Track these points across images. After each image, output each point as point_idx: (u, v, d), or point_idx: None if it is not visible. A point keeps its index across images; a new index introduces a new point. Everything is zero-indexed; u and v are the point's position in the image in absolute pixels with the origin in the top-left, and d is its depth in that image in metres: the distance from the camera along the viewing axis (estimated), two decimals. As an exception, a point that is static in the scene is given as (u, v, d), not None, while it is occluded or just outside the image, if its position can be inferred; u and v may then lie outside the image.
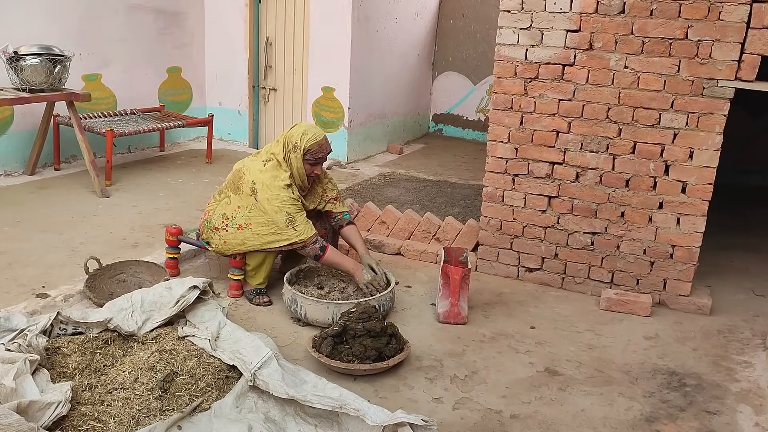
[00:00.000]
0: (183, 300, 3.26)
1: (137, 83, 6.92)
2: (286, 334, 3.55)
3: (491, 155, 4.35)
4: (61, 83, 5.36)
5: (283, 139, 3.80)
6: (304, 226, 3.67)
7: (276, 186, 3.67)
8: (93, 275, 3.78)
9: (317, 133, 3.77)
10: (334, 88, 7.00)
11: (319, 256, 3.72)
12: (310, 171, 3.78)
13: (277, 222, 3.65)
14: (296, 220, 3.66)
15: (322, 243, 3.72)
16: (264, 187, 3.68)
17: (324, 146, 3.77)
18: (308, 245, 3.68)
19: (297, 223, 3.65)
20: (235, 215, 3.74)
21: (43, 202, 5.26)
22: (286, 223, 3.65)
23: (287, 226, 3.65)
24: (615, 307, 4.00)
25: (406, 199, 6.01)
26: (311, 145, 3.72)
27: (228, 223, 3.76)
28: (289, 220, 3.65)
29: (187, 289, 3.28)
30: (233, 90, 7.60)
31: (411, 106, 8.48)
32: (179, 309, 3.25)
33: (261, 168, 3.76)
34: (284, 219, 3.64)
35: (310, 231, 3.68)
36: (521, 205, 4.32)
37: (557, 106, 4.09)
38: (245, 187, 3.73)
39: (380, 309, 3.59)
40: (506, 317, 3.88)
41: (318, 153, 3.74)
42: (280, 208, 3.65)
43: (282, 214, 3.65)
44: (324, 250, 3.72)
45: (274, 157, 3.78)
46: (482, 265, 4.53)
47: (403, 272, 4.46)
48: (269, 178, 3.69)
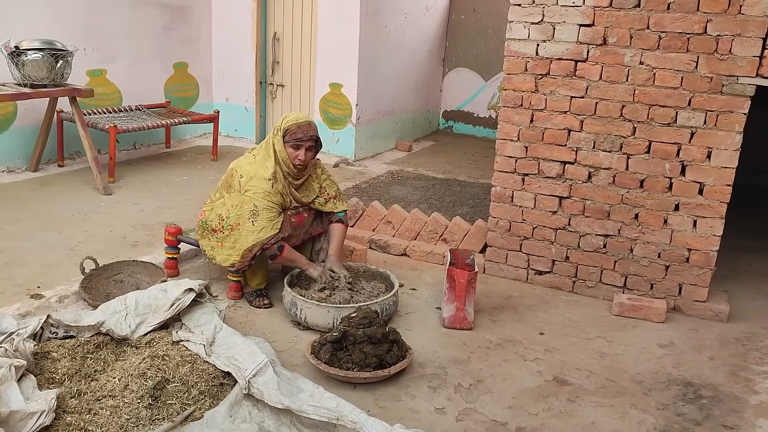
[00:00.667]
0: (178, 303, 3.15)
1: (143, 79, 6.83)
2: (286, 338, 3.44)
3: (500, 154, 4.21)
4: (63, 79, 5.27)
5: (276, 124, 3.73)
6: (266, 223, 3.51)
7: (260, 176, 3.57)
8: (89, 276, 3.69)
9: (299, 115, 3.70)
10: (341, 85, 6.88)
11: (275, 256, 3.60)
12: (294, 156, 3.64)
13: (244, 215, 3.54)
14: (259, 215, 3.51)
15: (280, 244, 3.58)
16: (248, 178, 3.60)
17: (303, 127, 3.63)
18: (266, 246, 3.53)
19: (259, 218, 3.51)
20: (229, 215, 3.63)
21: (44, 199, 5.18)
22: (248, 215, 3.52)
23: (248, 219, 3.52)
24: (628, 313, 3.85)
25: (413, 197, 5.88)
26: (290, 125, 3.62)
27: (224, 225, 3.65)
28: (252, 212, 3.51)
29: (182, 291, 3.17)
30: (240, 86, 7.49)
31: (420, 102, 8.34)
32: (174, 312, 3.15)
33: (251, 160, 3.70)
34: (248, 211, 3.52)
35: (269, 230, 3.52)
36: (531, 205, 4.18)
37: (569, 104, 3.95)
38: (235, 183, 3.64)
39: (383, 313, 3.46)
40: (514, 322, 3.74)
41: (296, 133, 3.60)
42: (250, 198, 3.53)
43: (248, 206, 3.53)
44: (281, 250, 3.58)
45: (263, 147, 3.71)
46: (490, 268, 4.39)
47: (408, 274, 4.34)
48: (256, 169, 3.62)
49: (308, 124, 3.67)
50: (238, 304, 3.79)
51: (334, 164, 6.79)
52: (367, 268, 3.95)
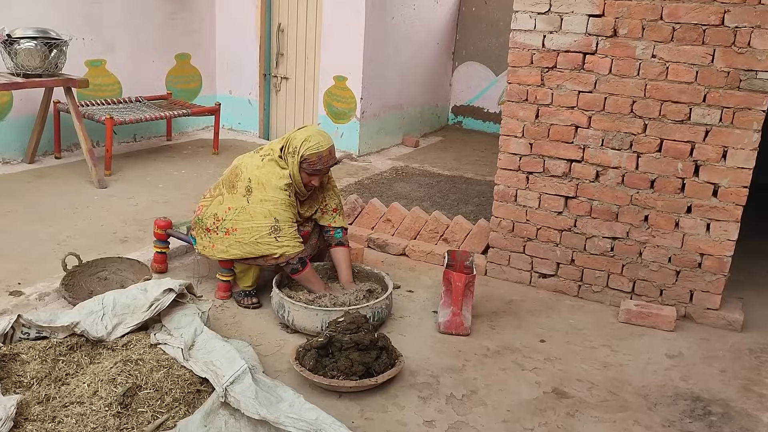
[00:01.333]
0: (157, 304, 3.00)
1: (143, 70, 6.70)
2: (272, 341, 3.28)
3: (504, 151, 4.02)
4: (57, 68, 5.14)
5: (286, 140, 3.48)
6: (291, 240, 3.35)
7: (273, 185, 3.36)
8: (71, 272, 3.55)
9: (321, 142, 3.40)
10: (346, 78, 6.70)
11: (297, 271, 3.42)
12: (307, 181, 3.45)
13: (260, 229, 3.35)
14: (282, 230, 3.35)
15: (304, 259, 3.41)
16: (260, 185, 3.38)
17: (325, 158, 3.40)
18: (291, 261, 3.38)
19: (282, 233, 3.34)
20: (225, 217, 3.45)
21: (37, 191, 5.06)
22: (269, 231, 3.34)
23: (269, 235, 3.34)
24: (635, 320, 3.65)
25: (417, 195, 5.70)
26: (310, 155, 3.37)
27: (218, 226, 3.47)
28: (274, 228, 3.34)
29: (161, 291, 3.01)
30: (244, 78, 7.34)
31: (429, 97, 8.14)
32: (153, 313, 2.99)
33: (259, 164, 3.46)
34: (269, 226, 3.34)
35: (296, 247, 3.36)
36: (535, 205, 3.98)
37: (576, 99, 3.74)
38: (240, 186, 3.44)
39: (374, 317, 3.29)
40: (514, 328, 3.56)
41: (316, 165, 3.39)
42: (270, 212, 3.34)
43: (269, 220, 3.34)
44: (304, 266, 3.41)
45: (273, 154, 3.48)
46: (492, 269, 4.20)
47: (406, 275, 4.16)
48: (266, 175, 3.39)
49: (329, 153, 3.42)
50: (226, 304, 3.64)
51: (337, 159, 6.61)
52: (361, 269, 3.78)
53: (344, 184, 5.89)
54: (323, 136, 3.44)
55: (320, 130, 3.50)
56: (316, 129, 3.49)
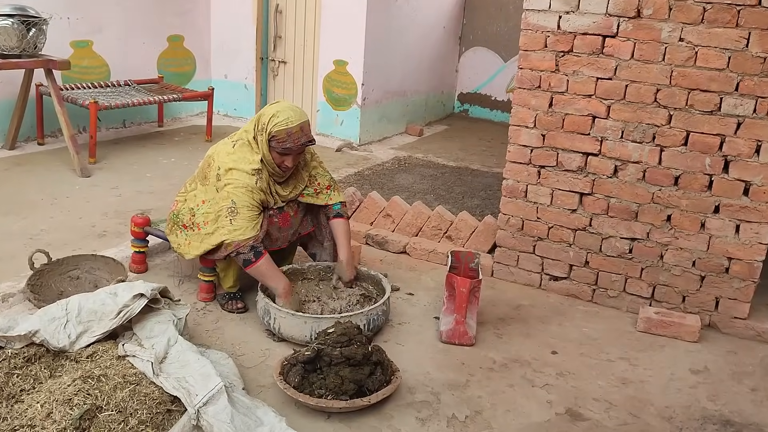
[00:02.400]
0: (126, 311, 2.69)
1: (133, 52, 6.36)
2: (256, 351, 2.98)
3: (514, 142, 3.69)
4: (37, 49, 4.82)
5: (257, 117, 3.18)
6: (246, 223, 3.03)
7: (242, 170, 3.06)
8: (39, 271, 3.25)
9: (291, 117, 3.06)
10: (347, 62, 6.36)
11: (249, 263, 3.05)
12: (279, 161, 3.12)
13: (220, 211, 3.06)
14: (239, 213, 3.02)
15: (259, 249, 3.07)
16: (228, 171, 3.08)
17: (295, 136, 3.05)
18: (241, 250, 3.04)
19: (239, 216, 3.02)
20: (198, 211, 3.15)
21: (14, 180, 4.76)
22: (226, 212, 3.04)
23: (225, 217, 3.04)
24: (655, 329, 3.34)
25: (419, 187, 5.38)
26: (278, 132, 3.05)
27: (194, 220, 3.18)
28: (231, 210, 3.03)
29: (131, 297, 2.71)
30: (240, 62, 7.00)
31: (434, 83, 7.78)
32: (121, 321, 2.69)
33: (230, 150, 3.15)
34: (226, 208, 3.03)
35: (249, 232, 3.03)
36: (547, 202, 3.66)
37: (594, 86, 3.41)
38: (211, 176, 3.13)
39: (369, 325, 2.99)
40: (523, 338, 3.25)
41: (285, 142, 3.05)
42: (229, 194, 3.04)
43: (227, 202, 3.04)
44: (258, 257, 3.05)
45: (246, 136, 3.18)
46: (499, 271, 3.89)
47: (406, 275, 3.85)
48: (236, 161, 3.09)
49: (300, 129, 3.06)
50: (209, 307, 3.34)
51: (336, 148, 6.30)
52: (357, 270, 3.47)
53: (343, 174, 5.57)
54: (294, 111, 3.11)
55: (292, 105, 3.18)
56: (288, 104, 3.16)
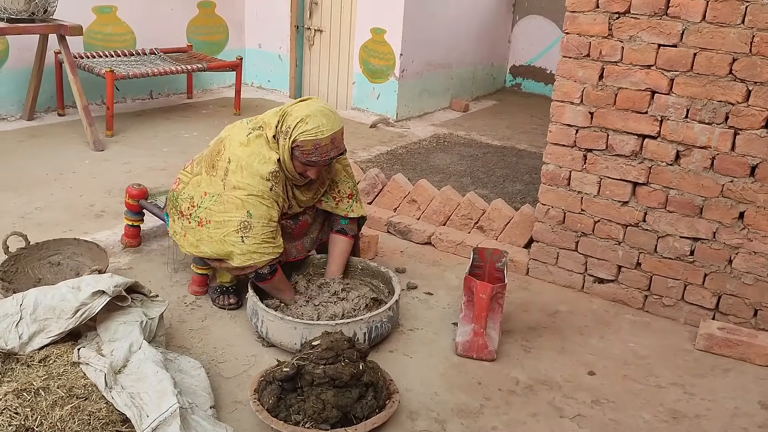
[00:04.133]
0: (84, 309, 2.34)
1: (161, 19, 6.03)
2: (240, 358, 2.59)
3: (556, 121, 3.16)
4: (47, 13, 4.53)
5: (282, 113, 2.70)
6: (264, 242, 2.61)
7: (254, 171, 2.60)
8: (15, 256, 2.95)
9: (322, 126, 2.57)
10: (384, 30, 5.85)
11: (263, 278, 2.68)
12: (302, 170, 2.67)
13: (228, 223, 2.63)
14: (253, 228, 2.59)
15: (275, 266, 2.68)
16: (238, 168, 2.63)
17: (324, 149, 2.59)
18: (260, 270, 2.65)
19: (252, 232, 2.59)
20: (200, 204, 2.74)
21: (24, 153, 4.51)
22: (237, 227, 2.60)
23: (236, 232, 2.61)
24: (718, 349, 2.79)
25: (456, 169, 4.88)
26: (304, 142, 2.58)
27: (192, 213, 2.77)
28: (243, 224, 2.59)
29: (90, 294, 2.35)
30: (274, 31, 6.59)
31: (483, 55, 7.19)
32: (79, 322, 2.34)
33: (243, 140, 2.69)
34: (238, 221, 2.60)
35: (269, 252, 2.62)
36: (594, 192, 3.12)
37: (655, 55, 2.84)
38: (220, 167, 2.69)
39: (370, 333, 2.55)
40: (556, 353, 2.75)
41: (311, 155, 2.59)
42: (243, 203, 2.60)
43: (240, 213, 2.60)
44: (273, 274, 2.67)
45: (265, 130, 2.71)
46: (535, 269, 3.38)
47: (427, 271, 3.39)
48: (249, 156, 2.63)
49: (330, 142, 2.59)
50: (199, 301, 2.98)
51: (371, 124, 5.84)
52: (366, 265, 3.04)
53: (374, 153, 5.13)
54: (327, 117, 2.61)
55: (326, 108, 2.67)
56: (321, 107, 2.66)
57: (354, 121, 5.99)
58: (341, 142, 2.66)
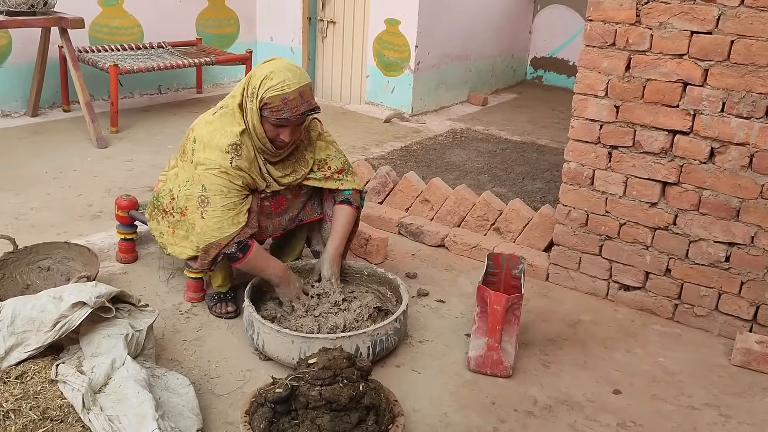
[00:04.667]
0: (64, 322, 2.17)
1: (169, 11, 5.87)
2: (235, 373, 2.41)
3: (578, 116, 2.92)
4: (47, 6, 4.37)
5: (247, 79, 2.54)
6: (222, 214, 2.44)
7: (214, 145, 2.46)
8: (2, 261, 2.79)
9: (288, 80, 2.41)
10: (399, 21, 5.63)
11: (236, 259, 2.51)
12: (273, 134, 2.49)
13: (190, 198, 2.52)
14: (210, 202, 2.43)
15: (245, 242, 2.50)
16: (201, 145, 2.50)
17: (293, 103, 2.40)
18: (226, 249, 2.48)
19: (210, 206, 2.44)
20: (178, 194, 2.60)
21: (25, 151, 4.37)
22: (197, 202, 2.47)
23: (197, 208, 2.47)
24: (757, 365, 2.55)
25: (473, 166, 4.65)
26: (271, 98, 2.40)
27: (174, 206, 2.62)
28: (201, 199, 2.45)
29: (70, 306, 2.18)
30: (286, 23, 6.39)
31: (503, 46, 6.93)
32: (58, 335, 2.17)
33: (209, 119, 2.56)
34: (197, 196, 2.47)
35: (228, 227, 2.44)
36: (619, 192, 2.88)
37: (688, 43, 2.59)
38: (188, 149, 2.57)
39: (374, 348, 2.35)
40: (577, 368, 2.53)
41: (281, 111, 2.41)
42: (200, 177, 2.46)
43: (197, 188, 2.47)
44: (245, 251, 2.50)
45: (231, 102, 2.56)
46: (556, 275, 3.16)
47: (440, 275, 3.18)
48: (211, 133, 2.49)
49: (299, 95, 2.42)
50: (195, 309, 2.80)
51: (385, 119, 5.62)
52: (372, 271, 2.84)
53: (388, 149, 4.92)
54: (292, 71, 2.45)
55: (291, 64, 2.51)
56: (286, 62, 2.50)
57: (367, 115, 5.78)
58: (311, 97, 2.48)
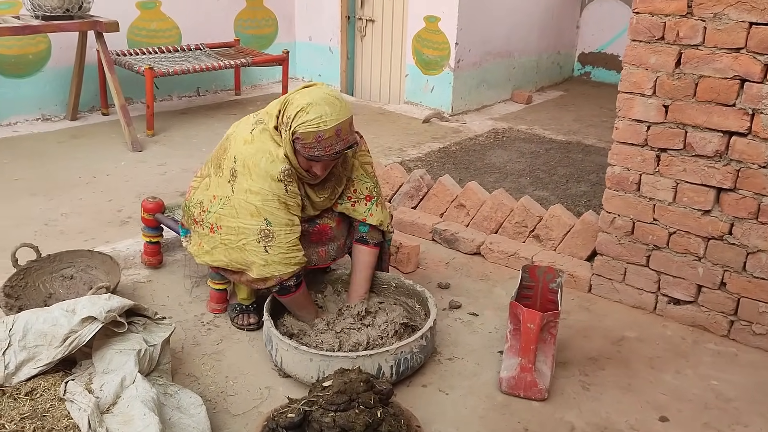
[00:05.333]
0: (74, 337, 2.09)
1: (207, 13, 5.83)
2: (253, 390, 2.30)
3: (623, 116, 2.71)
4: (82, 9, 4.37)
5: (284, 102, 2.35)
6: (285, 252, 2.31)
7: (262, 172, 2.30)
8: (26, 269, 2.75)
9: (325, 117, 2.20)
10: (438, 18, 5.46)
11: (287, 292, 2.39)
12: (306, 166, 2.34)
13: (247, 231, 2.34)
14: (276, 237, 2.31)
15: (300, 277, 2.39)
16: (245, 169, 2.33)
17: (326, 142, 2.22)
18: (286, 282, 2.36)
19: (276, 241, 2.31)
20: (210, 209, 2.46)
21: (62, 155, 4.38)
22: (257, 236, 2.32)
23: (258, 242, 2.32)
24: (824, 392, 2.30)
25: (514, 167, 4.45)
26: (305, 134, 2.22)
27: (204, 218, 2.50)
28: (264, 234, 2.31)
29: (80, 321, 2.10)
30: (325, 22, 6.29)
31: (548, 42, 6.68)
32: (68, 350, 2.09)
33: (247, 137, 2.39)
34: (257, 230, 2.31)
35: (292, 264, 2.33)
36: (668, 198, 2.66)
37: (746, 36, 2.36)
38: (226, 167, 2.41)
39: (398, 367, 2.21)
40: (621, 391, 2.33)
41: (313, 150, 2.24)
42: (258, 210, 2.31)
43: (257, 221, 2.32)
44: (298, 287, 2.39)
45: (267, 121, 2.38)
46: (599, 286, 2.95)
47: (474, 286, 3.01)
48: (254, 155, 2.32)
49: (335, 134, 2.22)
50: (217, 321, 2.71)
51: (424, 119, 5.46)
52: (400, 283, 2.69)
53: (425, 150, 4.76)
54: (332, 106, 2.24)
55: (332, 95, 2.30)
56: (326, 94, 2.29)
57: (406, 116, 5.63)
58: (349, 134, 2.29)
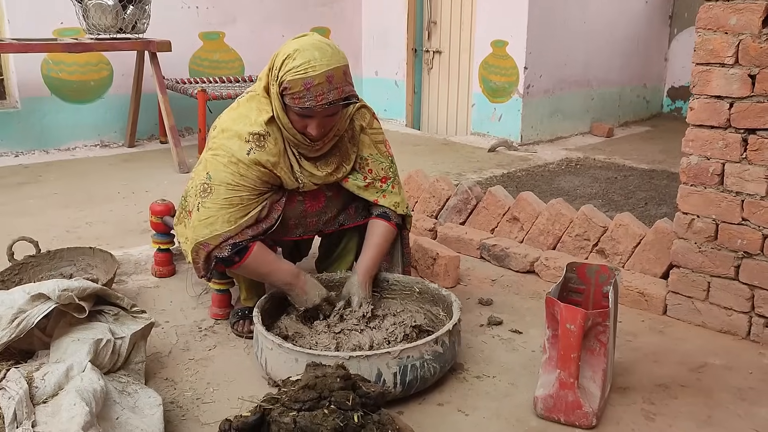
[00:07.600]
0: (22, 317, 1.81)
1: (271, 45, 5.73)
2: (233, 399, 1.92)
3: (699, 94, 2.25)
4: (136, 29, 4.36)
5: (273, 56, 2.10)
6: (217, 212, 2.01)
7: (234, 132, 2.05)
8: (22, 264, 2.54)
9: (313, 62, 1.91)
10: (506, 42, 5.14)
11: (232, 263, 2.05)
12: (300, 125, 2.02)
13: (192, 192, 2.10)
14: (213, 192, 2.02)
15: (240, 244, 2.03)
16: (219, 131, 2.11)
17: (317, 90, 1.91)
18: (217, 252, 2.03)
19: (210, 199, 2.03)
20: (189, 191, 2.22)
21: (108, 175, 4.31)
22: (198, 191, 2.05)
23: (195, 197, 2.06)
24: None
25: (587, 191, 3.97)
26: (292, 82, 1.92)
27: (185, 206, 2.24)
28: (203, 187, 2.04)
29: (28, 299, 1.82)
30: (390, 56, 6.11)
31: (632, 73, 6.19)
32: (15, 332, 1.81)
33: (232, 105, 2.20)
34: (199, 183, 2.06)
35: (220, 225, 2.01)
36: (761, 192, 2.14)
37: None
38: (209, 138, 2.21)
39: (404, 375, 1.77)
40: (697, 424, 1.78)
41: (303, 99, 1.92)
42: (207, 162, 2.07)
43: (201, 176, 2.07)
44: (242, 254, 2.03)
45: (258, 86, 2.14)
46: (676, 307, 2.40)
47: (522, 305, 2.54)
48: (233, 119, 2.10)
49: (326, 81, 1.91)
50: (218, 327, 2.37)
51: (489, 148, 5.07)
52: (425, 287, 2.27)
53: (486, 175, 4.36)
54: (321, 51, 1.94)
55: (323, 41, 2.02)
56: (316, 39, 2.01)
57: (471, 145, 5.27)
58: (343, 83, 1.96)
